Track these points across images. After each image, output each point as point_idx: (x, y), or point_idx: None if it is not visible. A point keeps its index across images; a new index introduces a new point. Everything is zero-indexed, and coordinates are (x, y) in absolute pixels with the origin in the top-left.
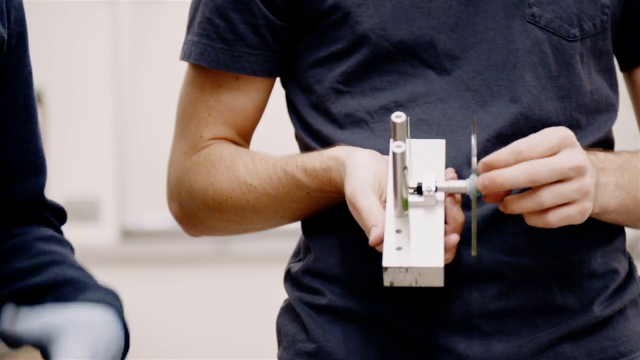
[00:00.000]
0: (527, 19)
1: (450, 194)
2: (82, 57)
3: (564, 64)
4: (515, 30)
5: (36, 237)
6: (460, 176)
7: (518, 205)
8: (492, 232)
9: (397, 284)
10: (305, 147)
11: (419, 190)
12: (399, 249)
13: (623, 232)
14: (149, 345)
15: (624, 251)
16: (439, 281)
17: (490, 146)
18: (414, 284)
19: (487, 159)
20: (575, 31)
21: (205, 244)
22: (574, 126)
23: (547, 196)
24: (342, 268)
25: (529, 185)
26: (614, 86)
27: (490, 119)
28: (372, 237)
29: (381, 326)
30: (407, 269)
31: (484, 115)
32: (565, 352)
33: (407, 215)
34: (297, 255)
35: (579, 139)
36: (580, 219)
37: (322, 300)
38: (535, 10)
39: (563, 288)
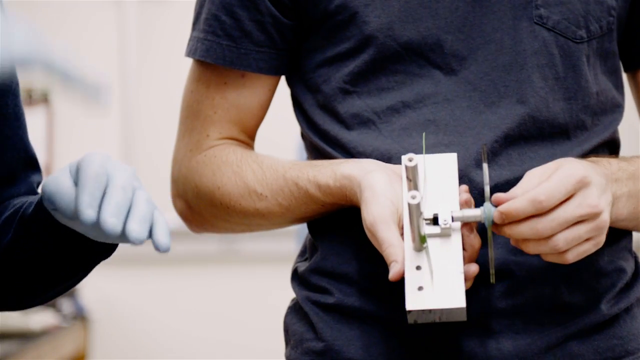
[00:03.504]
0: (535, 20)
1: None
2: (88, 57)
3: (570, 65)
4: (523, 32)
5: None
6: (468, 178)
7: (534, 249)
8: None
9: (420, 321)
10: (312, 147)
11: (435, 221)
12: (420, 288)
13: (630, 232)
14: (154, 345)
15: (630, 250)
16: (461, 317)
17: (498, 147)
18: (437, 321)
19: (505, 208)
20: (582, 33)
21: (211, 244)
22: (579, 127)
23: (562, 243)
24: (350, 267)
25: (534, 238)
26: (619, 87)
27: (498, 120)
28: (392, 274)
29: (389, 324)
30: (430, 310)
31: (491, 116)
32: (572, 351)
33: (425, 247)
34: (303, 254)
35: (584, 140)
36: (594, 250)
37: (329, 299)
38: (542, 11)
39: (570, 286)
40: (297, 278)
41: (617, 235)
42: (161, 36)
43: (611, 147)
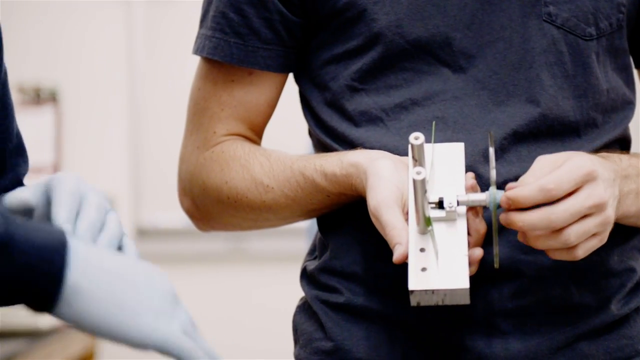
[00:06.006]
0: (544, 18)
1: (471, 207)
2: (96, 56)
3: (580, 63)
4: (532, 29)
5: None
6: (476, 173)
7: (542, 244)
8: (510, 230)
9: (423, 304)
10: (319, 144)
11: (440, 204)
12: (423, 269)
13: (639, 231)
14: None
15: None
16: (465, 300)
17: (507, 144)
18: (440, 303)
19: (513, 194)
20: (592, 30)
21: (219, 243)
22: (590, 125)
23: (573, 237)
24: (360, 265)
25: (546, 229)
26: (630, 84)
27: (507, 118)
28: (396, 256)
29: (399, 324)
30: (433, 291)
31: (500, 115)
32: (582, 351)
33: (430, 230)
34: (312, 252)
35: (595, 138)
36: (599, 245)
37: (339, 299)
38: (551, 9)
39: (580, 286)
40: (306, 277)
41: (627, 235)
42: (169, 35)
43: (622, 145)
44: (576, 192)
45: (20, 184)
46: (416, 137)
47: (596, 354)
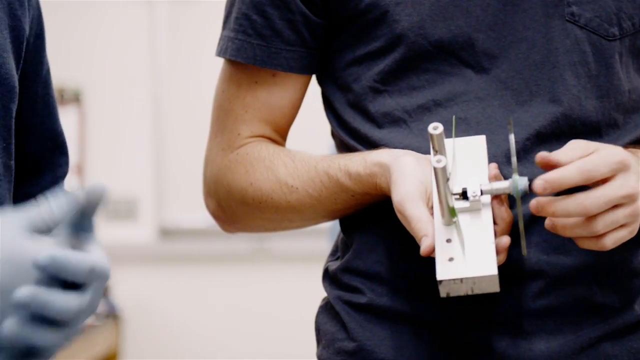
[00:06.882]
0: (567, 18)
1: (495, 196)
2: (119, 57)
3: (603, 63)
4: (555, 30)
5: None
6: (501, 173)
7: (570, 231)
8: (533, 231)
9: (453, 294)
10: (342, 145)
11: (464, 195)
12: (451, 259)
13: None
14: (185, 343)
15: None
16: (494, 287)
17: (530, 145)
18: (470, 293)
19: (551, 176)
20: (615, 30)
21: (242, 243)
22: (611, 125)
23: (601, 225)
24: (383, 266)
25: (580, 216)
26: None
27: (530, 118)
28: (423, 248)
29: (422, 324)
30: (462, 279)
31: (523, 115)
32: (606, 351)
33: (455, 222)
34: (334, 253)
35: (616, 138)
36: (629, 237)
37: (361, 299)
38: (574, 9)
39: (604, 287)
40: (328, 277)
41: None
42: (192, 35)
43: None
44: (610, 180)
45: (58, 185)
46: (435, 127)
47: (620, 354)
